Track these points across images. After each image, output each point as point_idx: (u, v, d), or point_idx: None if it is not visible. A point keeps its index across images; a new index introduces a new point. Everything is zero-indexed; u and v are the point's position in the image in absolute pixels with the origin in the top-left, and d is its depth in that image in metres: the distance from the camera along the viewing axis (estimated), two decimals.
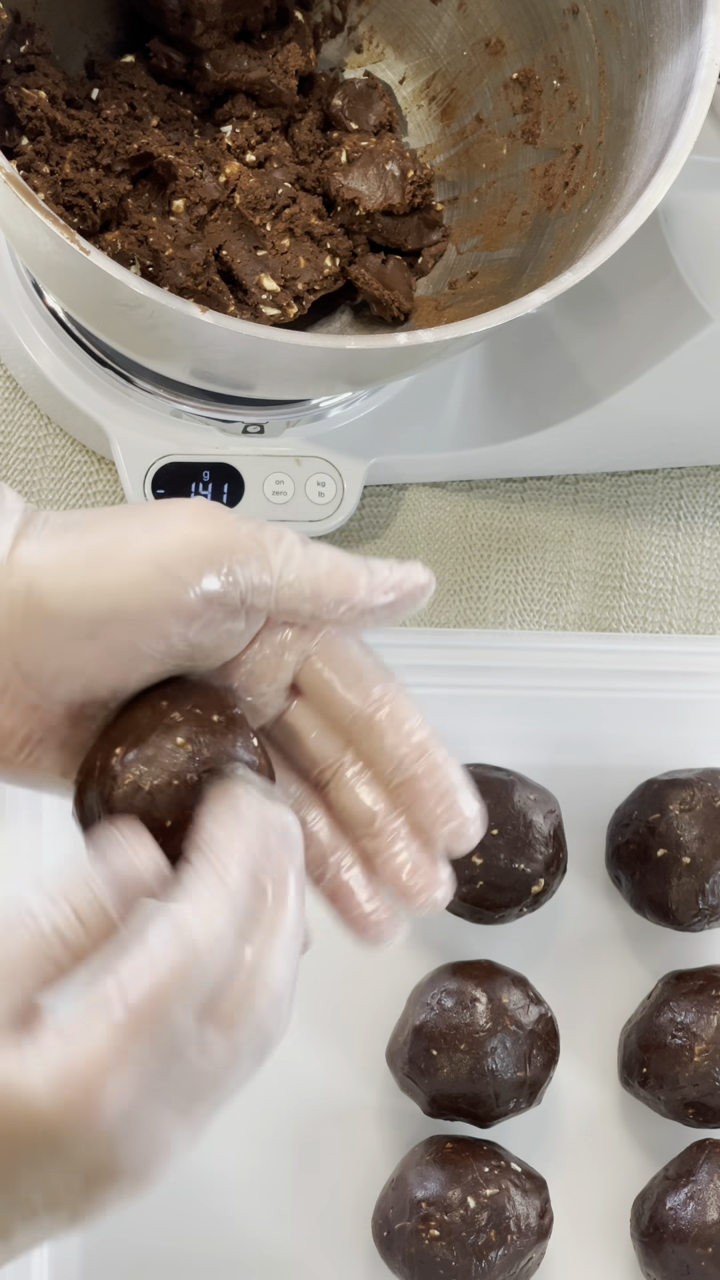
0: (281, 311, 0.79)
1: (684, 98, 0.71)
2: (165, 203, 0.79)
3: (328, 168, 0.82)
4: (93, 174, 0.78)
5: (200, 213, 0.79)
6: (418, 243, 0.83)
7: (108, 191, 0.78)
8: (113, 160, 0.79)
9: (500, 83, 0.83)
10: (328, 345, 0.69)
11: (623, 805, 0.89)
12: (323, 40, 0.86)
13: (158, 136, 0.79)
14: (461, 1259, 0.80)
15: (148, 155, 0.79)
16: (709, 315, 0.84)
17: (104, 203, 0.78)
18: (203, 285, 0.78)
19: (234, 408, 0.85)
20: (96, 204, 0.78)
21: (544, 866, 0.85)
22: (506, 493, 0.96)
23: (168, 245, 0.78)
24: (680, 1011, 0.85)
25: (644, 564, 0.96)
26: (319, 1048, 0.87)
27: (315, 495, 0.89)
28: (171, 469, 0.88)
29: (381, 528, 0.94)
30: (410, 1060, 0.83)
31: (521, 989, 0.84)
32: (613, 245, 0.70)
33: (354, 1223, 0.85)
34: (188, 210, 0.78)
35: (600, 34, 0.78)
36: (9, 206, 0.68)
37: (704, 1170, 0.84)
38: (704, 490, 0.97)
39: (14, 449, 0.92)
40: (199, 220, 0.79)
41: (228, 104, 0.83)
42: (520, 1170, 0.83)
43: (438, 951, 0.88)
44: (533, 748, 0.90)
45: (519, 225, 0.81)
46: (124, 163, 0.79)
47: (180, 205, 0.78)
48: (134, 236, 0.79)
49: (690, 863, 0.85)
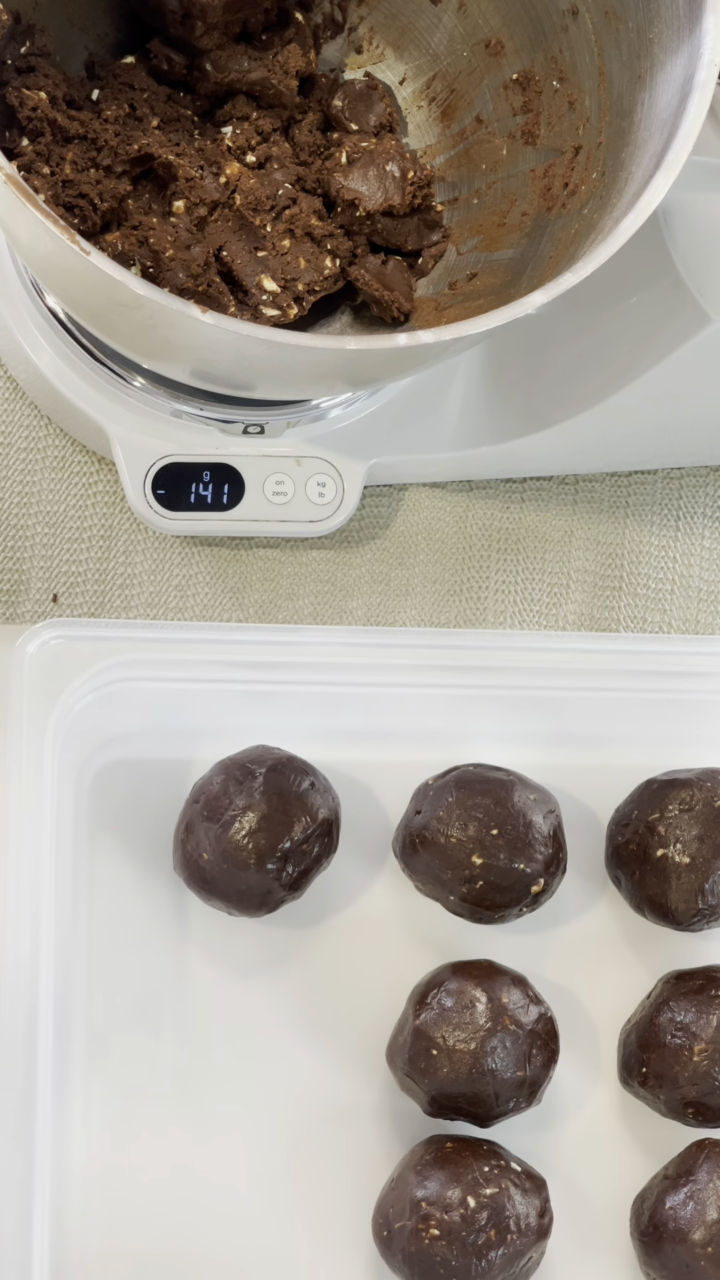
0: (282, 312, 0.79)
1: (683, 98, 0.71)
2: (166, 204, 0.79)
3: (328, 168, 0.82)
4: (93, 175, 0.78)
5: (200, 213, 0.79)
6: (418, 243, 0.83)
7: (108, 192, 0.78)
8: (113, 161, 0.79)
9: (500, 83, 0.83)
10: (328, 346, 0.69)
11: (622, 805, 0.89)
12: (323, 41, 0.86)
13: (158, 137, 0.79)
14: (461, 1258, 0.80)
15: (148, 156, 0.79)
16: (709, 315, 0.84)
17: (104, 204, 0.78)
18: (203, 286, 0.78)
19: (234, 408, 0.85)
20: (97, 205, 0.78)
21: (544, 866, 0.85)
22: (506, 493, 0.96)
23: (168, 246, 0.78)
24: (680, 1011, 0.85)
25: (644, 564, 0.96)
26: (319, 1048, 0.87)
27: (315, 495, 0.89)
28: (171, 469, 0.88)
29: (381, 528, 0.95)
30: (410, 1060, 0.83)
31: (521, 989, 0.84)
32: (612, 246, 0.70)
33: (354, 1223, 0.86)
34: (188, 211, 0.79)
35: (600, 35, 0.78)
36: (9, 207, 0.68)
37: (703, 1170, 0.84)
38: (704, 490, 0.97)
39: (14, 449, 0.92)
40: (199, 221, 0.79)
41: (228, 105, 0.83)
42: (520, 1170, 0.83)
43: (438, 951, 0.88)
44: (533, 748, 0.90)
45: (519, 226, 0.81)
46: (124, 164, 0.79)
47: (180, 206, 0.78)
48: (134, 237, 0.79)
49: (690, 863, 0.85)
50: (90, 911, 0.86)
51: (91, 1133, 0.85)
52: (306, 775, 0.85)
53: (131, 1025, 0.86)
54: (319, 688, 0.88)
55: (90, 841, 0.87)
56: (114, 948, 0.86)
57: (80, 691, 0.85)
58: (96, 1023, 0.86)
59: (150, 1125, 0.85)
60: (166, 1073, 0.86)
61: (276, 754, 0.85)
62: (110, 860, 0.87)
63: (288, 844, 0.83)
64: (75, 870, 0.86)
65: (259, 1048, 0.87)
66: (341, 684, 0.88)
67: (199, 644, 0.85)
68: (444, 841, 0.84)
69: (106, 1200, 0.84)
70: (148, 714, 0.87)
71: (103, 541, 0.92)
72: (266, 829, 0.83)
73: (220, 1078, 0.86)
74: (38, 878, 0.82)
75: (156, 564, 0.93)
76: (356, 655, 0.87)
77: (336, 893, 0.89)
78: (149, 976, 0.86)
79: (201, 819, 0.83)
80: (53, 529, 0.92)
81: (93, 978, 0.86)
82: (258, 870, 0.83)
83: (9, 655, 0.83)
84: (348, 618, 0.94)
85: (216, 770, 0.85)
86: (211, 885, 0.84)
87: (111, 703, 0.86)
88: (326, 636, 0.87)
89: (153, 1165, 0.85)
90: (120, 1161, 0.85)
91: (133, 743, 0.88)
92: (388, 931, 0.89)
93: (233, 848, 0.82)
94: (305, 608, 0.93)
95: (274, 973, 0.88)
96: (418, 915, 0.89)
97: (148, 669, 0.85)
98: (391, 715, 0.89)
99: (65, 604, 0.92)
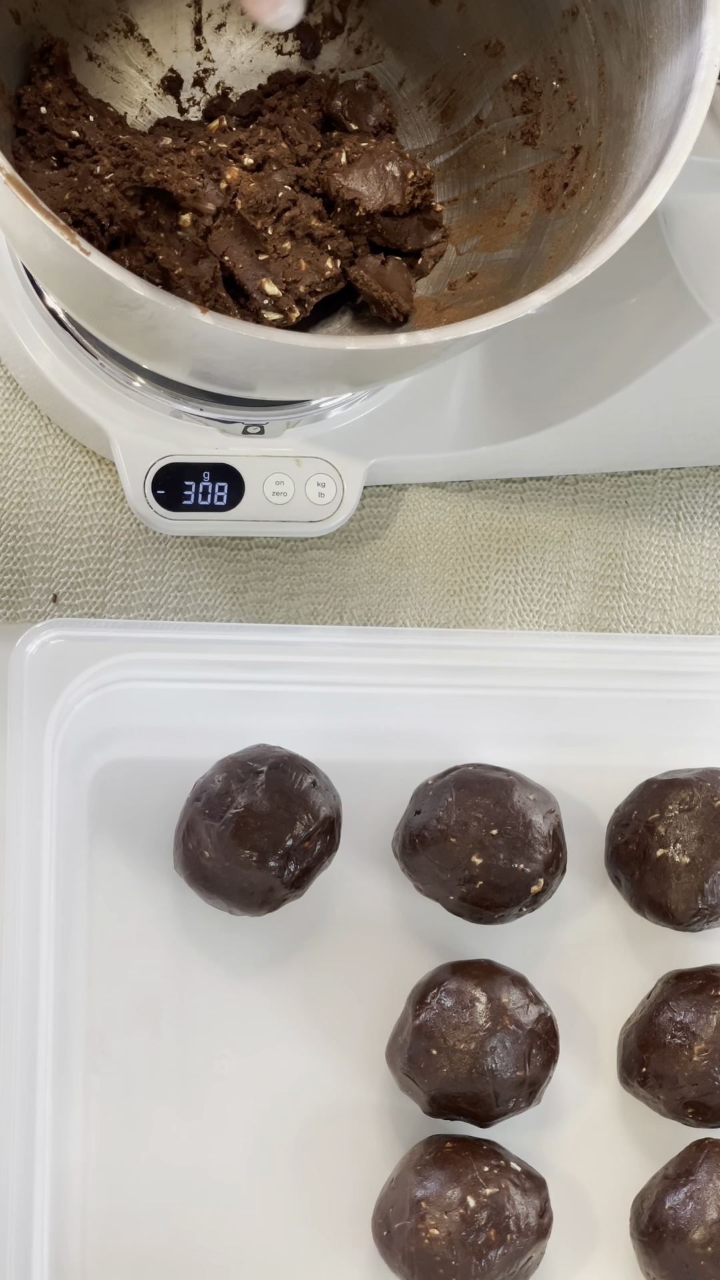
0: (284, 316, 0.79)
1: (683, 99, 0.71)
2: (173, 218, 0.79)
3: (328, 169, 0.82)
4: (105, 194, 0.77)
5: (205, 223, 0.79)
6: (417, 243, 0.83)
7: (118, 216, 0.77)
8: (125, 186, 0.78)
9: (500, 84, 0.83)
10: (327, 346, 0.69)
11: (622, 805, 0.89)
12: (323, 41, 0.86)
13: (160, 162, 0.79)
14: (461, 1258, 0.80)
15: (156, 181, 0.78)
16: (708, 316, 0.84)
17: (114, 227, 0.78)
18: (210, 302, 0.78)
19: (234, 408, 0.85)
20: (105, 226, 0.77)
21: (543, 866, 0.85)
22: (506, 493, 0.96)
23: (176, 264, 0.77)
24: (680, 1011, 0.85)
25: (644, 564, 0.96)
26: (319, 1048, 0.87)
27: (315, 495, 0.89)
28: (171, 469, 0.88)
29: (381, 528, 0.95)
30: (410, 1060, 0.83)
31: (521, 989, 0.84)
32: (612, 246, 0.70)
33: (354, 1223, 0.86)
34: (194, 224, 0.78)
35: (600, 35, 0.78)
36: (9, 207, 0.68)
37: (703, 1170, 0.84)
38: (704, 490, 0.97)
39: (14, 449, 0.92)
40: (205, 231, 0.79)
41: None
42: (520, 1170, 0.83)
43: (438, 951, 0.88)
44: (533, 748, 0.90)
45: (519, 226, 0.81)
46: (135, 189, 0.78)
47: (188, 220, 0.78)
48: (142, 254, 0.78)
49: (690, 863, 0.85)
50: (90, 911, 0.86)
51: (91, 1133, 0.85)
52: (308, 773, 0.85)
53: (131, 1025, 0.86)
54: (319, 688, 0.88)
55: (90, 841, 0.87)
56: (114, 948, 0.86)
57: (80, 691, 0.85)
58: (96, 1023, 0.86)
59: (150, 1125, 0.85)
60: (166, 1073, 0.86)
61: (278, 752, 0.85)
62: (110, 860, 0.87)
63: (290, 842, 0.83)
64: (75, 870, 0.86)
65: (259, 1047, 0.87)
66: (341, 684, 0.88)
67: (199, 644, 0.86)
68: (444, 841, 0.84)
69: (106, 1200, 0.85)
70: (148, 714, 0.87)
71: (103, 541, 0.93)
72: (268, 827, 0.83)
73: (220, 1077, 0.86)
74: (38, 878, 0.82)
75: (156, 564, 0.93)
76: (356, 655, 0.87)
77: (336, 893, 0.89)
78: (149, 976, 0.86)
79: (203, 817, 0.83)
80: (53, 529, 0.92)
81: (93, 978, 0.86)
82: (259, 868, 0.83)
83: (9, 655, 0.83)
84: (347, 618, 0.94)
85: (218, 769, 0.85)
86: (213, 883, 0.84)
87: (111, 703, 0.86)
88: (326, 636, 0.87)
89: (152, 1165, 0.85)
90: (120, 1161, 0.85)
91: (133, 743, 0.88)
92: (388, 931, 0.89)
93: (234, 845, 0.82)
94: (305, 608, 0.93)
95: (274, 973, 0.88)
96: (418, 915, 0.89)
97: (148, 669, 0.85)
98: (391, 715, 0.89)
99: (65, 604, 0.92)
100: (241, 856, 0.82)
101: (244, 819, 0.83)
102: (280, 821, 0.83)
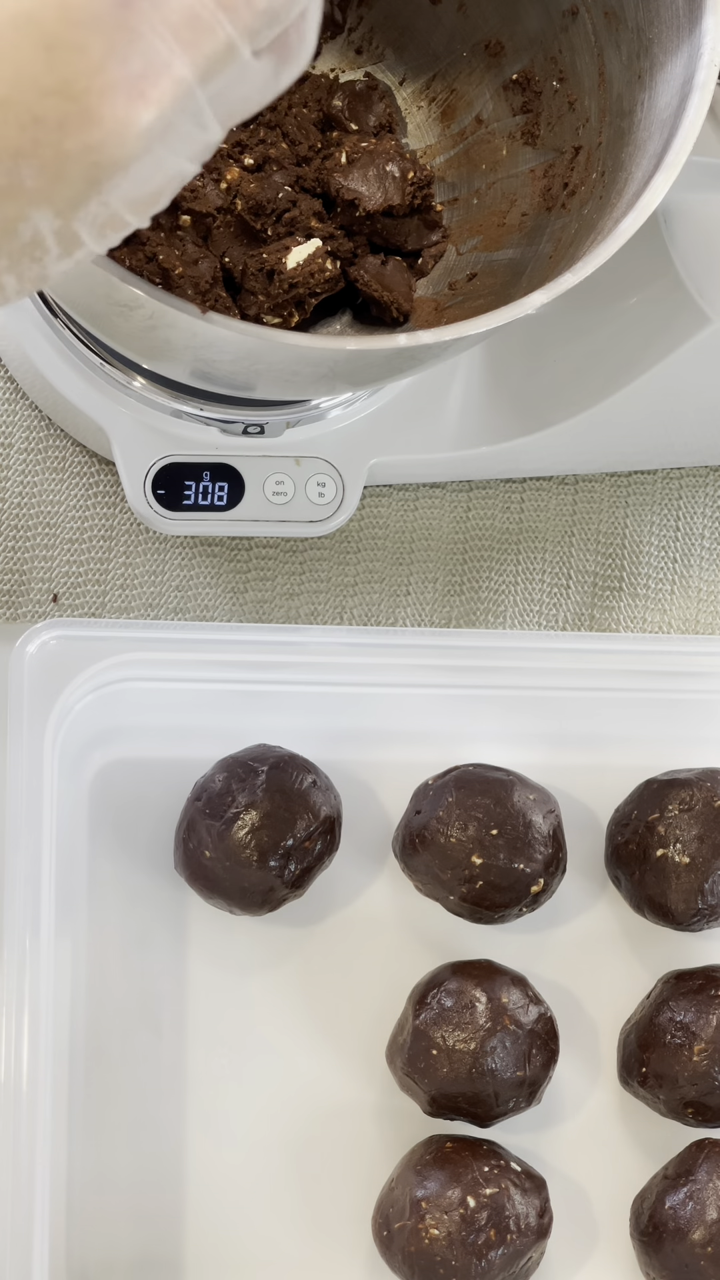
0: (284, 320, 0.79)
1: (683, 99, 0.71)
2: (173, 218, 0.79)
3: (328, 169, 0.82)
4: None
5: (205, 224, 0.79)
6: (417, 243, 0.83)
7: None
8: None
9: (500, 84, 0.83)
10: (327, 346, 0.69)
11: (622, 805, 0.89)
12: (322, 42, 0.86)
13: None
14: (461, 1258, 0.80)
15: None
16: (708, 316, 0.84)
17: None
18: (210, 303, 0.78)
19: (234, 408, 0.85)
20: None
21: (543, 866, 0.85)
22: (506, 493, 0.96)
23: (176, 264, 0.77)
24: (679, 1011, 0.85)
25: (643, 564, 0.96)
26: (319, 1047, 0.87)
27: (315, 495, 0.89)
28: (171, 469, 0.88)
29: (381, 528, 0.95)
30: (410, 1060, 0.83)
31: (521, 989, 0.84)
32: (612, 246, 0.70)
33: (354, 1223, 0.86)
34: (194, 225, 0.78)
35: (600, 35, 0.78)
36: None
37: (703, 1169, 0.84)
38: (704, 490, 0.97)
39: (14, 449, 0.92)
40: (205, 233, 0.79)
41: None
42: (520, 1170, 0.83)
43: (438, 951, 0.88)
44: (533, 748, 0.90)
45: (518, 226, 0.81)
46: None
47: (188, 220, 0.78)
48: (142, 254, 0.78)
49: (690, 863, 0.85)
50: (90, 911, 0.86)
51: (90, 1133, 0.85)
52: (309, 773, 0.85)
53: (131, 1025, 0.86)
54: (319, 688, 0.88)
55: (90, 841, 0.87)
56: (114, 948, 0.86)
57: (80, 691, 0.85)
58: (96, 1022, 0.86)
59: (150, 1125, 0.85)
60: (166, 1073, 0.86)
61: (278, 752, 0.85)
62: (110, 860, 0.87)
63: (290, 841, 0.83)
64: (75, 870, 0.86)
65: (259, 1047, 0.87)
66: (341, 684, 0.88)
67: (199, 644, 0.86)
68: (444, 841, 0.84)
69: (106, 1200, 0.85)
70: (148, 714, 0.87)
71: (103, 541, 0.93)
72: (269, 826, 0.83)
73: (220, 1077, 0.86)
74: (38, 878, 0.82)
75: (156, 564, 0.93)
76: (356, 655, 0.87)
77: (336, 892, 0.89)
78: (149, 976, 0.86)
79: (203, 816, 0.84)
80: (53, 529, 0.92)
81: (93, 978, 0.86)
82: (260, 867, 0.83)
83: (9, 655, 0.83)
84: (347, 618, 0.94)
85: (218, 768, 0.85)
86: (214, 883, 0.84)
87: (111, 703, 0.86)
88: (326, 636, 0.87)
89: (152, 1165, 0.85)
90: (120, 1161, 0.85)
91: (133, 743, 0.88)
92: (388, 931, 0.89)
93: (235, 845, 0.83)
94: (305, 607, 0.93)
95: (274, 972, 0.88)
96: (418, 915, 0.89)
97: (148, 669, 0.85)
98: (391, 715, 0.89)
99: (65, 604, 0.92)
100: (242, 856, 0.83)
101: (244, 818, 0.83)
102: (280, 821, 0.83)
